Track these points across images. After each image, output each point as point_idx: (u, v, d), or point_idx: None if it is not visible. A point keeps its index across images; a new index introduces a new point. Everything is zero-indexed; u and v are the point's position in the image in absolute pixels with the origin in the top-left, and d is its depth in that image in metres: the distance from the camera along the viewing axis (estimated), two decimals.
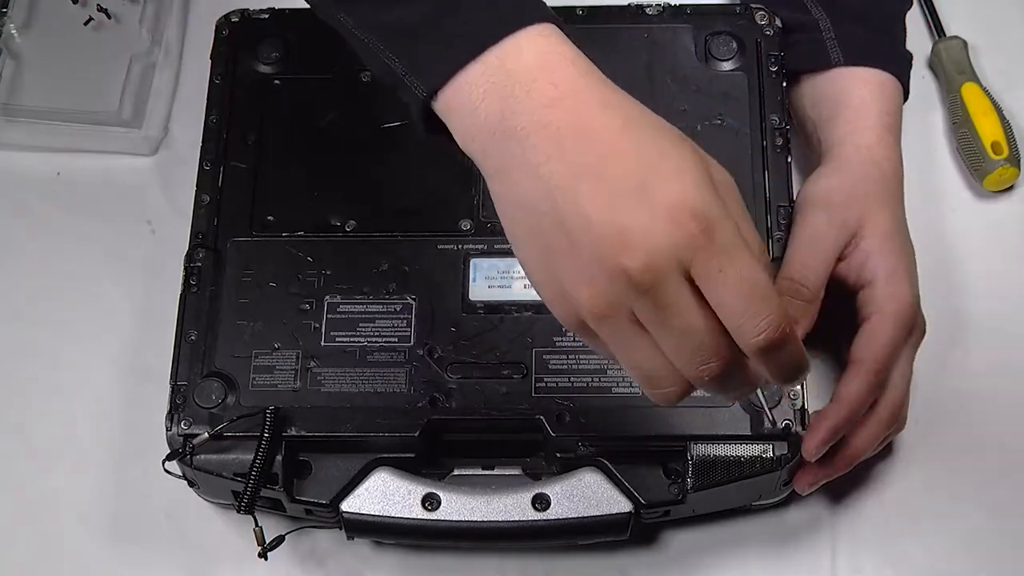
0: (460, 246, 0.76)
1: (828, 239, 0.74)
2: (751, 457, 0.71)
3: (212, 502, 0.76)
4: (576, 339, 0.73)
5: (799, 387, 0.72)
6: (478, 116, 0.56)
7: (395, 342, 0.74)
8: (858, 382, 0.71)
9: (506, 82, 0.55)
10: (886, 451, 0.78)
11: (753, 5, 0.82)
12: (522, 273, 0.74)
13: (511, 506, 0.71)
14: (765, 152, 0.78)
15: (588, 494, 0.71)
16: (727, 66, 0.81)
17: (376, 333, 0.74)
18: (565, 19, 0.80)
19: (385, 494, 0.71)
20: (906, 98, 0.81)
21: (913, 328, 0.73)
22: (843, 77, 0.80)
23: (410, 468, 0.72)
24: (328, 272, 0.76)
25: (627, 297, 0.54)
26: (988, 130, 0.85)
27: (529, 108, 0.55)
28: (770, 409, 0.71)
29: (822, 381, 0.78)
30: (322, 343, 0.74)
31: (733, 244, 0.54)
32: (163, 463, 0.71)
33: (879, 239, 0.74)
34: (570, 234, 0.54)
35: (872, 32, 0.82)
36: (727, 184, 0.56)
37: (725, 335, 0.54)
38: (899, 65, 0.81)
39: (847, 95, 0.79)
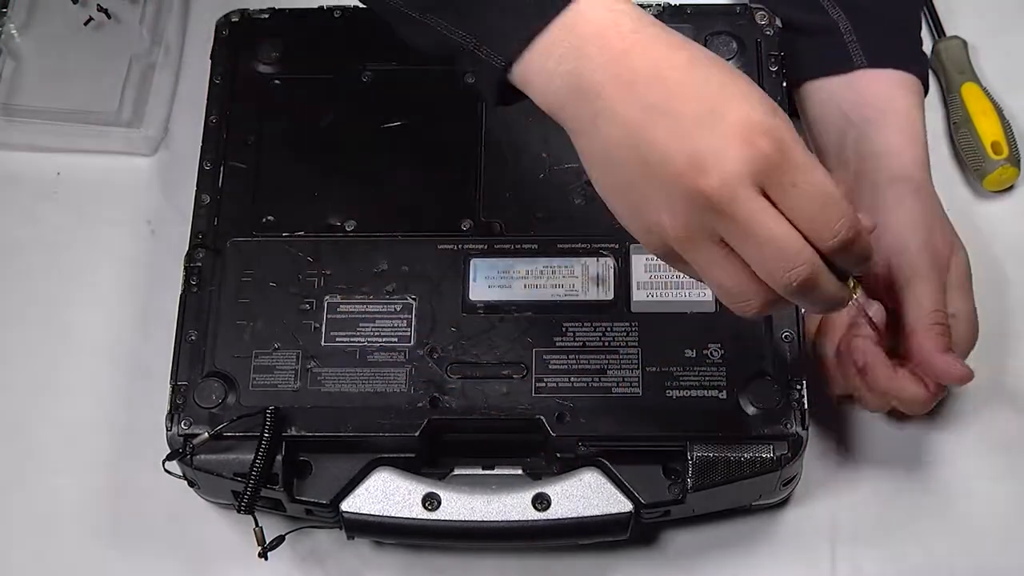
0: (460, 246, 0.76)
1: (942, 284, 0.74)
2: (751, 457, 0.71)
3: (212, 502, 0.76)
4: (576, 339, 0.73)
5: (799, 387, 0.72)
6: (555, 80, 0.59)
7: (395, 342, 0.74)
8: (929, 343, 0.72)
9: (579, 43, 0.58)
10: (886, 451, 0.78)
11: (753, 5, 0.82)
12: (522, 273, 0.75)
13: (511, 506, 0.71)
14: None
15: (588, 494, 0.71)
16: None
17: (376, 333, 0.74)
18: None
19: (385, 494, 0.71)
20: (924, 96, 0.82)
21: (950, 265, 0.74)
22: (869, 79, 0.80)
23: (410, 468, 0.72)
24: (328, 272, 0.76)
25: (709, 218, 0.56)
26: (988, 130, 0.85)
27: (603, 64, 0.58)
28: (868, 315, 0.71)
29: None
30: (322, 343, 0.74)
31: (803, 158, 0.57)
32: (163, 463, 0.71)
33: (960, 274, 0.75)
34: (651, 169, 0.57)
35: (893, 33, 0.82)
36: (783, 114, 0.58)
37: (807, 243, 0.57)
38: (920, 65, 0.82)
39: (888, 99, 0.80)
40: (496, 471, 0.73)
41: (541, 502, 0.71)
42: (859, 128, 0.79)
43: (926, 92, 0.82)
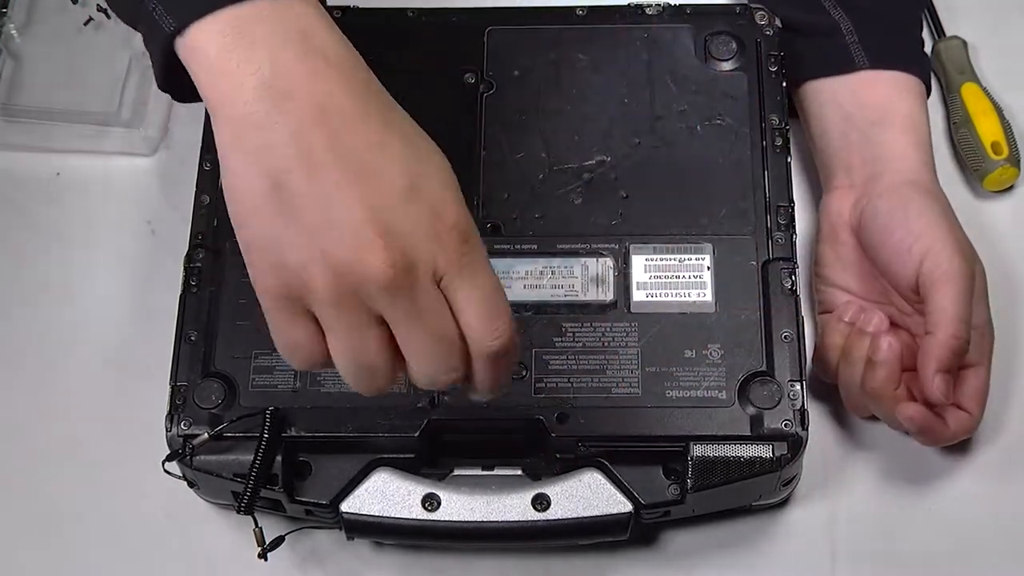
0: None
1: (971, 296, 0.74)
2: (751, 457, 0.71)
3: (212, 502, 0.76)
4: (576, 339, 0.73)
5: (799, 387, 0.72)
6: (231, 66, 0.53)
7: None
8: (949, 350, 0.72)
9: (269, 37, 0.53)
10: (886, 451, 0.78)
11: (753, 5, 0.82)
12: (522, 273, 0.75)
13: (511, 506, 0.71)
14: (765, 152, 0.78)
15: (588, 494, 0.71)
16: (727, 66, 0.81)
17: None
18: (565, 19, 0.83)
19: (385, 494, 0.71)
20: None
21: (973, 276, 0.74)
22: (869, 80, 0.80)
23: (410, 468, 0.72)
24: None
25: (376, 291, 0.54)
26: (988, 130, 0.85)
27: (299, 73, 0.53)
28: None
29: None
30: None
31: (483, 260, 0.56)
32: (163, 463, 0.71)
33: (981, 288, 0.75)
34: (328, 213, 0.53)
35: (894, 34, 0.82)
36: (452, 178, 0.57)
37: (465, 347, 0.56)
38: (922, 66, 0.82)
39: (891, 101, 0.79)
40: (496, 471, 0.73)
41: (541, 502, 0.71)
42: (863, 131, 0.79)
43: (928, 93, 0.82)
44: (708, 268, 0.75)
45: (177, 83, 0.58)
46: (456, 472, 0.73)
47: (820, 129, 0.82)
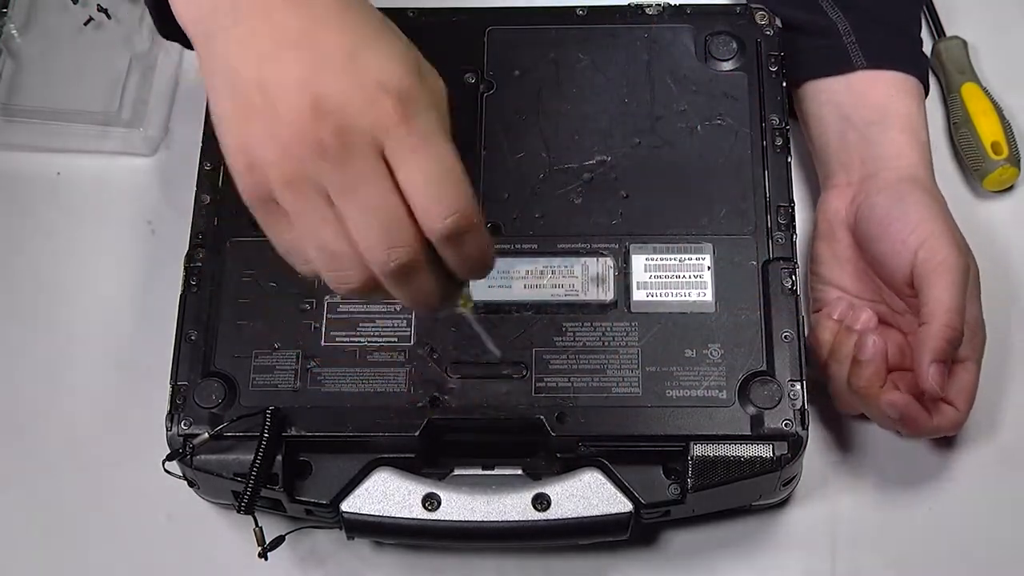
0: None
1: (965, 291, 0.73)
2: (751, 457, 0.71)
3: (212, 502, 0.76)
4: (576, 339, 0.73)
5: (799, 387, 0.72)
6: None
7: (395, 342, 0.74)
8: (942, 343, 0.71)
9: None
10: (886, 451, 0.78)
11: (753, 5, 0.82)
12: (522, 273, 0.75)
13: (511, 506, 0.71)
14: (765, 152, 0.78)
15: (588, 494, 0.71)
16: (727, 66, 0.81)
17: (376, 333, 0.74)
18: (565, 19, 0.83)
19: (385, 494, 0.71)
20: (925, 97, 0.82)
21: (968, 270, 0.74)
22: (867, 81, 0.80)
23: (410, 468, 0.72)
24: None
25: (317, 165, 0.54)
26: (988, 130, 0.85)
27: None
28: (494, 344, 0.72)
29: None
30: (322, 343, 0.74)
31: (430, 131, 0.54)
32: (163, 463, 0.71)
33: (976, 284, 0.75)
34: (269, 98, 0.54)
35: (893, 34, 0.82)
36: (437, 88, 0.56)
37: (415, 225, 0.55)
38: (920, 67, 0.82)
39: (889, 101, 0.79)
40: (496, 471, 0.73)
41: (541, 502, 0.71)
42: (860, 130, 0.79)
43: (927, 93, 0.82)
44: (708, 268, 0.75)
45: (173, 27, 0.59)
46: (456, 472, 0.73)
47: (818, 130, 0.82)
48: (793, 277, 0.74)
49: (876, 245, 0.75)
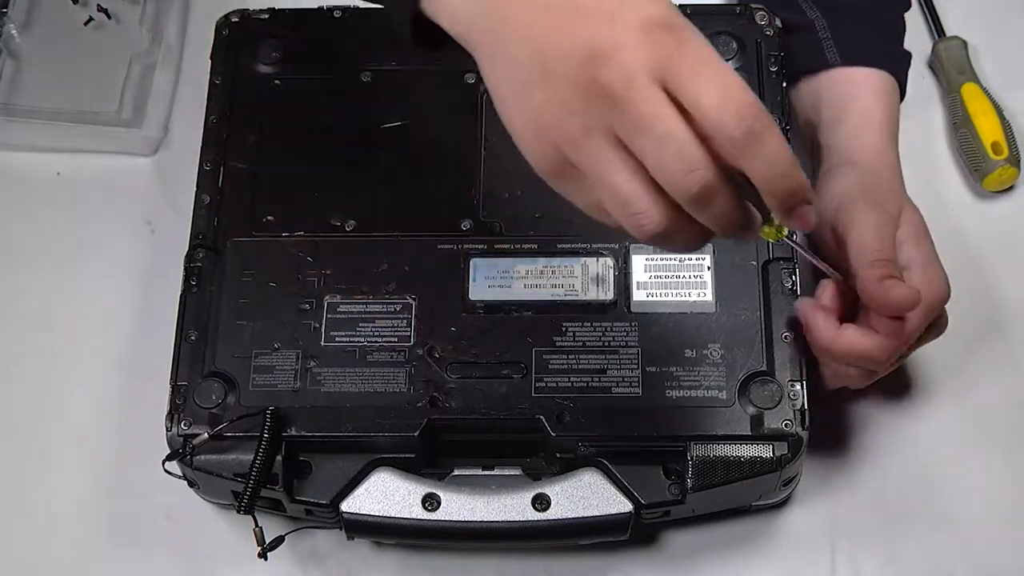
0: (460, 246, 0.76)
1: (891, 228, 0.72)
2: (751, 457, 0.71)
3: (212, 502, 0.76)
4: (576, 339, 0.73)
5: (799, 387, 0.72)
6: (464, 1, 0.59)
7: (395, 342, 0.74)
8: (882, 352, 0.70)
9: None
10: (886, 451, 0.78)
11: (753, 5, 0.82)
12: (522, 273, 0.75)
13: (511, 506, 0.71)
14: None
15: (588, 494, 0.71)
16: None
17: (376, 333, 0.74)
18: None
19: (385, 494, 0.71)
20: (903, 97, 0.81)
21: (939, 318, 0.73)
22: (841, 77, 0.80)
23: (410, 468, 0.72)
24: (328, 272, 0.76)
25: (606, 114, 0.55)
26: (988, 130, 0.85)
27: None
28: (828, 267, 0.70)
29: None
30: (322, 343, 0.74)
31: (705, 51, 0.56)
32: (163, 463, 0.71)
33: (913, 228, 0.73)
34: (549, 67, 0.56)
35: (869, 31, 0.82)
36: (680, 14, 0.58)
37: (708, 148, 0.55)
38: (896, 64, 0.81)
39: (851, 97, 0.79)
40: (496, 471, 0.73)
41: (541, 502, 0.71)
42: (824, 129, 0.79)
43: (903, 89, 0.81)
44: (708, 268, 0.75)
45: (424, 36, 0.62)
46: (456, 472, 0.73)
47: (799, 127, 0.82)
48: (793, 277, 0.74)
49: (823, 235, 0.75)
